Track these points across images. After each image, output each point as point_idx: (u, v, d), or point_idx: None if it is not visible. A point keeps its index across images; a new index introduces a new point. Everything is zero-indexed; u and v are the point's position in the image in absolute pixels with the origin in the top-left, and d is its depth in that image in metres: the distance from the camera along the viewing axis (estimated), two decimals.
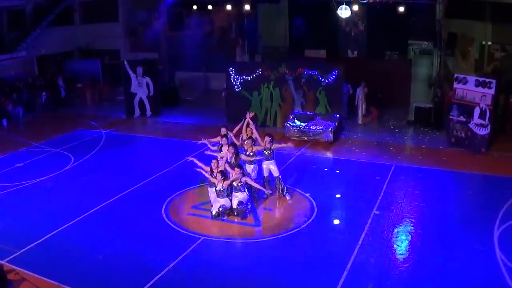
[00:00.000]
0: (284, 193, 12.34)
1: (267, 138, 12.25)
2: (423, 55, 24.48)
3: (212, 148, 12.56)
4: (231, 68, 19.82)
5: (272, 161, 12.34)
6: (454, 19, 20.47)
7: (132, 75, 21.22)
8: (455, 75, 16.70)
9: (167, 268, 9.22)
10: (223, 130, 12.65)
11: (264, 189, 11.90)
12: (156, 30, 25.15)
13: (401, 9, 20.45)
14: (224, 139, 12.39)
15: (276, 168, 12.33)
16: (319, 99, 18.93)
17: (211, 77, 26.13)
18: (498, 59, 20.76)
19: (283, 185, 12.37)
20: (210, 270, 9.24)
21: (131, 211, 11.85)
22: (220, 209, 11.08)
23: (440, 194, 12.68)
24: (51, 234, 10.59)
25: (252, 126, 12.65)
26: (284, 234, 10.58)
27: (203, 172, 11.54)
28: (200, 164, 11.62)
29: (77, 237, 10.53)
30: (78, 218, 11.36)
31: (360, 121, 19.64)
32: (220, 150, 12.34)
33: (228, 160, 11.87)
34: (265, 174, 12.52)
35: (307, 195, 12.51)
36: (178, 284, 8.85)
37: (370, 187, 13.06)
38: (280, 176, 12.35)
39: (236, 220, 11.16)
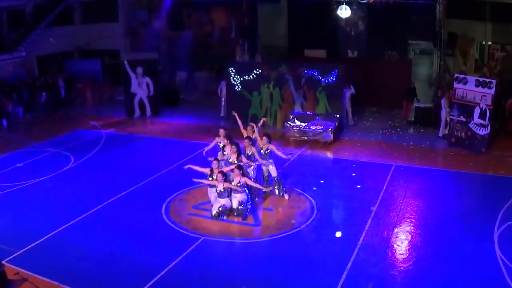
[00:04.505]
0: (283, 193, 12.35)
1: (265, 138, 12.25)
2: (423, 55, 24.49)
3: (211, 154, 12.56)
4: (231, 68, 19.81)
5: (271, 161, 12.34)
6: (454, 19, 20.46)
7: (132, 75, 21.19)
8: (455, 75, 16.71)
9: (167, 268, 9.22)
10: (222, 132, 12.64)
11: (263, 188, 11.96)
12: (156, 30, 25.18)
13: (401, 9, 20.47)
14: (225, 139, 12.37)
15: (274, 169, 12.33)
16: (319, 99, 18.92)
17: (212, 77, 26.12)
18: (498, 59, 20.75)
19: (281, 185, 12.38)
20: (210, 270, 9.25)
21: (131, 211, 11.85)
22: (220, 209, 11.08)
23: (440, 194, 12.68)
24: (51, 234, 10.60)
25: (256, 130, 12.67)
26: (284, 234, 10.58)
27: (203, 180, 11.56)
28: (198, 168, 11.61)
29: (77, 237, 10.54)
30: (78, 218, 11.36)
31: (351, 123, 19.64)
32: (223, 151, 12.32)
33: (229, 158, 11.89)
34: (265, 174, 12.54)
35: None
36: (178, 284, 8.85)
37: (370, 187, 13.06)
38: (277, 176, 12.35)
39: (236, 220, 11.16)
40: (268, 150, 12.24)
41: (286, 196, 12.34)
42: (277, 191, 12.37)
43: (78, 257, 9.67)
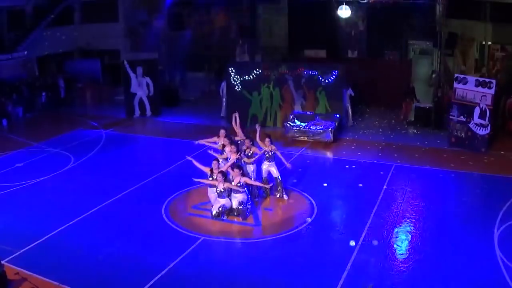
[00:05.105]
0: (283, 193, 12.35)
1: (268, 140, 12.25)
2: (423, 55, 24.51)
3: (212, 149, 12.57)
4: (231, 68, 19.80)
5: (273, 162, 12.34)
6: (454, 19, 20.46)
7: (132, 75, 21.20)
8: (455, 75, 16.72)
9: (167, 268, 9.22)
10: (222, 132, 12.65)
11: (264, 185, 12.00)
12: (156, 30, 25.18)
13: (401, 9, 20.51)
14: (226, 139, 12.38)
15: (276, 170, 12.32)
16: (319, 99, 18.92)
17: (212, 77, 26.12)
18: (498, 59, 20.76)
19: (282, 185, 12.38)
20: (210, 270, 9.25)
21: (131, 211, 11.85)
22: (220, 209, 11.08)
23: (440, 194, 12.69)
24: (51, 234, 10.59)
25: (238, 126, 12.82)
26: (284, 234, 10.58)
27: (202, 180, 11.59)
28: (198, 164, 11.62)
29: (77, 237, 10.53)
30: (78, 218, 11.36)
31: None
32: (223, 151, 12.32)
33: (229, 158, 11.87)
34: (264, 175, 12.50)
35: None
36: (178, 284, 8.85)
37: (370, 187, 13.06)
38: (280, 176, 12.34)
39: (236, 220, 11.16)
40: (272, 152, 12.25)
41: (285, 197, 12.34)
42: (278, 191, 12.37)
43: (78, 257, 9.67)
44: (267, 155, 12.27)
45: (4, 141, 18.16)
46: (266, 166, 12.39)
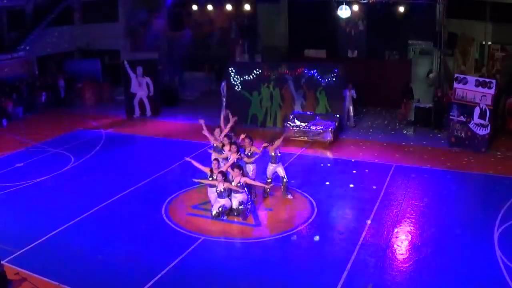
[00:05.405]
0: (287, 193, 12.37)
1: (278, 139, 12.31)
2: (423, 55, 24.50)
3: (212, 148, 12.59)
4: (231, 68, 19.80)
5: (279, 163, 12.36)
6: (454, 19, 20.47)
7: (132, 75, 21.21)
8: (455, 75, 16.73)
9: (167, 268, 9.23)
10: (217, 131, 12.66)
11: (265, 185, 11.98)
12: (156, 30, 25.20)
13: (401, 9, 20.52)
14: (225, 138, 12.38)
15: (283, 170, 12.35)
16: (319, 99, 18.92)
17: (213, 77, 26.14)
18: (497, 59, 20.76)
19: (287, 185, 12.39)
20: (210, 270, 9.25)
21: (131, 211, 11.85)
22: (220, 209, 11.08)
23: (440, 194, 12.68)
24: (51, 234, 10.61)
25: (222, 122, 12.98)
26: (284, 234, 10.58)
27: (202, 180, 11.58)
28: (198, 165, 11.61)
29: (77, 237, 10.54)
30: (78, 218, 11.37)
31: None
32: (222, 150, 12.32)
33: (229, 158, 11.87)
34: (270, 177, 12.44)
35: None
36: (178, 284, 8.86)
37: (370, 187, 13.07)
38: (286, 176, 12.34)
39: (236, 220, 11.17)
40: (279, 153, 12.26)
41: (290, 196, 12.35)
42: (283, 191, 12.38)
43: (78, 257, 9.68)
44: (272, 154, 12.27)
45: (4, 141, 18.17)
46: (272, 168, 12.38)
